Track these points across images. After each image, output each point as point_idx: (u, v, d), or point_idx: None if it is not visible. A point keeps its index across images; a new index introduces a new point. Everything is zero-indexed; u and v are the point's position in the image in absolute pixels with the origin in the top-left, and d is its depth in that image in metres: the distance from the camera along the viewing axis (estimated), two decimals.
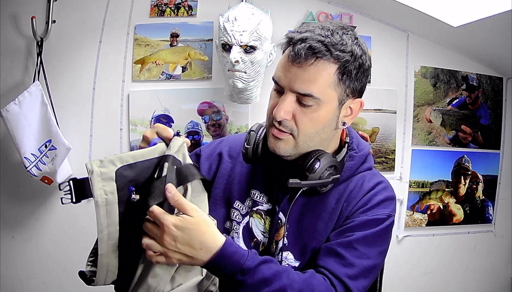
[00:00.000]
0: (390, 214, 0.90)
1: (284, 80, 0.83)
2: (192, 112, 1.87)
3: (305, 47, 0.79)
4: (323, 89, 0.81)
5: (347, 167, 0.92)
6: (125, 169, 0.69)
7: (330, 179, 0.86)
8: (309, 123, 0.84)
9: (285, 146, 0.86)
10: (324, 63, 0.80)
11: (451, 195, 2.10)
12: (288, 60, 0.82)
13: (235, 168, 1.00)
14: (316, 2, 1.92)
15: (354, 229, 0.86)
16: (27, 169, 1.63)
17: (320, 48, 0.79)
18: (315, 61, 0.80)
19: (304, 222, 0.91)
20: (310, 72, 0.80)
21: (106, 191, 0.68)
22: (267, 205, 0.95)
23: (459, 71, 2.08)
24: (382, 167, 2.00)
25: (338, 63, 0.81)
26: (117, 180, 0.69)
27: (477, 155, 2.13)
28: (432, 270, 2.10)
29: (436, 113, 2.07)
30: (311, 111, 0.83)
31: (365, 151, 0.96)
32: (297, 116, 0.83)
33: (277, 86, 0.86)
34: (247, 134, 0.93)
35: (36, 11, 1.74)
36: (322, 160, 0.85)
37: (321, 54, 0.79)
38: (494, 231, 2.17)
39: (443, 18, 1.73)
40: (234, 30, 1.53)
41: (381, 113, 2.00)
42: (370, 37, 1.97)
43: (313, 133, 0.85)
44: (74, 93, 1.82)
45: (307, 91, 0.80)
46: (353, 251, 0.84)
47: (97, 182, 0.67)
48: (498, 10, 1.53)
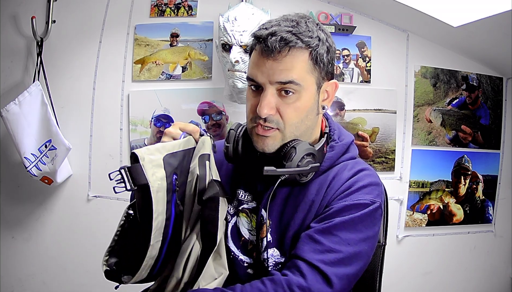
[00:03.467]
0: (373, 199, 0.87)
1: (262, 76, 0.84)
2: (192, 112, 1.87)
3: (276, 40, 0.81)
4: (302, 75, 0.84)
5: (328, 157, 0.92)
6: (169, 157, 0.72)
7: (308, 167, 0.86)
8: (293, 113, 0.85)
9: (273, 142, 0.87)
10: (297, 51, 0.83)
11: (451, 195, 2.09)
12: (262, 56, 0.84)
13: (221, 171, 0.99)
14: (316, 2, 1.92)
15: (332, 215, 0.84)
16: (27, 169, 1.63)
17: (291, 38, 0.82)
18: (289, 51, 0.82)
19: (284, 215, 0.90)
20: (286, 62, 0.83)
21: (157, 178, 0.69)
22: (252, 203, 0.95)
23: (459, 71, 2.08)
24: (382, 167, 2.00)
25: (309, 49, 0.84)
26: (165, 167, 0.71)
27: (477, 155, 2.12)
28: (432, 270, 2.10)
29: (436, 113, 2.07)
30: (293, 101, 0.85)
31: (347, 140, 0.96)
32: (281, 109, 0.85)
33: (254, 83, 0.87)
34: (227, 134, 0.94)
35: (36, 11, 1.75)
36: (298, 148, 0.85)
37: (293, 43, 0.82)
38: (494, 231, 2.17)
39: (443, 18, 1.73)
40: (234, 30, 1.53)
41: (381, 113, 2.00)
42: (370, 37, 1.97)
43: (299, 123, 0.87)
44: (74, 93, 1.82)
45: (288, 78, 0.83)
46: (331, 237, 0.82)
47: (149, 168, 0.68)
48: (498, 10, 1.53)
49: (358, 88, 1.97)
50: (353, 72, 1.97)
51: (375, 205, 0.87)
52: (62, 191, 1.83)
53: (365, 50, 1.97)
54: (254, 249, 0.93)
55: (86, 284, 1.79)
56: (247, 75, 0.88)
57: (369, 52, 1.97)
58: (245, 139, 0.92)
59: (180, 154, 0.75)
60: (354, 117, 1.97)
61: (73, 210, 1.82)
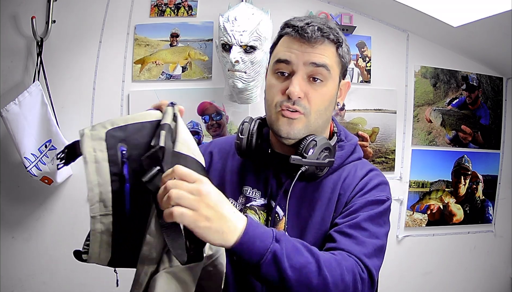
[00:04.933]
0: (388, 196, 0.91)
1: (296, 58, 0.87)
2: (192, 112, 1.87)
3: (314, 29, 0.86)
4: (332, 63, 0.89)
5: (338, 155, 0.95)
6: (116, 130, 0.70)
7: (326, 161, 0.89)
8: (320, 99, 0.88)
9: (299, 126, 0.88)
10: (329, 44, 0.89)
11: (451, 195, 2.10)
12: (299, 41, 0.87)
13: (225, 167, 1.00)
14: (316, 2, 1.93)
15: (357, 210, 0.86)
16: (27, 169, 1.63)
17: (326, 30, 0.87)
18: (323, 42, 0.88)
19: (302, 212, 0.91)
20: (320, 49, 0.87)
21: (95, 149, 0.69)
22: (261, 200, 0.95)
23: (459, 71, 2.08)
24: (382, 167, 2.00)
25: (336, 44, 0.90)
26: (107, 139, 0.69)
27: (477, 155, 2.12)
28: (432, 270, 2.10)
29: (436, 113, 2.07)
30: (321, 87, 0.88)
31: (353, 141, 1.01)
32: (309, 94, 0.87)
33: (285, 66, 0.88)
34: (241, 126, 0.95)
35: (36, 11, 1.74)
36: (318, 141, 0.88)
37: (327, 34, 0.87)
38: (494, 231, 2.17)
39: (443, 18, 1.73)
40: (234, 30, 1.53)
41: (381, 113, 2.00)
42: (370, 37, 1.97)
43: (322, 110, 0.90)
44: (74, 93, 1.82)
45: (322, 62, 0.87)
46: (362, 231, 0.83)
47: (86, 141, 0.68)
48: (498, 10, 1.53)
49: (358, 88, 1.97)
50: (353, 72, 1.97)
51: (389, 202, 0.91)
52: (62, 191, 1.83)
53: (365, 50, 1.97)
54: None
55: (86, 284, 1.79)
56: (277, 58, 0.89)
57: (369, 52, 1.97)
58: (258, 134, 0.94)
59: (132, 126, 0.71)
60: (354, 117, 1.97)
61: (73, 210, 1.82)
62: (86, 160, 0.68)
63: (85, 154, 0.68)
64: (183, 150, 0.69)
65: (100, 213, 0.69)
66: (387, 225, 0.90)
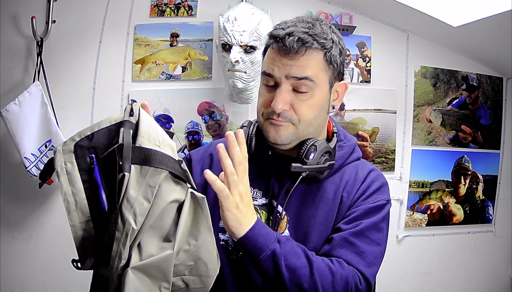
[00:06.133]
0: (388, 199, 0.94)
1: (278, 71, 0.87)
2: (192, 112, 1.87)
3: (294, 40, 0.84)
4: (316, 73, 0.87)
5: (338, 156, 0.96)
6: (83, 140, 0.75)
7: (326, 164, 0.90)
8: (307, 110, 0.88)
9: (286, 132, 0.89)
10: (313, 52, 0.86)
11: (451, 195, 2.10)
12: (279, 54, 0.87)
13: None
14: (316, 2, 1.93)
15: (360, 217, 0.89)
16: (27, 169, 1.63)
17: (308, 38, 0.85)
18: (305, 51, 0.86)
19: (304, 212, 0.93)
20: (303, 61, 0.86)
21: (65, 162, 0.74)
22: (262, 200, 0.96)
23: (459, 71, 2.08)
24: (382, 167, 2.00)
25: (323, 50, 0.88)
26: (76, 150, 0.74)
27: (477, 155, 2.12)
28: (432, 270, 2.10)
29: (436, 113, 2.07)
30: (307, 98, 0.88)
31: (353, 141, 1.01)
32: (295, 105, 0.88)
33: (270, 79, 0.89)
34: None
35: (36, 11, 1.74)
36: (318, 146, 0.89)
37: (309, 44, 0.85)
38: (494, 231, 2.17)
39: (443, 18, 1.73)
40: (234, 30, 1.53)
41: (381, 113, 2.00)
42: (370, 37, 1.97)
43: (312, 119, 0.90)
44: (74, 93, 1.82)
45: (303, 74, 0.86)
46: (365, 239, 0.87)
47: (58, 157, 0.74)
48: (498, 10, 1.53)
49: (358, 88, 1.97)
50: (353, 72, 1.97)
51: (389, 205, 0.94)
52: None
53: (365, 50, 1.97)
54: None
55: (86, 284, 1.78)
56: (263, 71, 0.90)
57: (369, 52, 1.97)
58: (257, 137, 0.95)
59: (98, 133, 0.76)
60: (354, 117, 1.97)
61: None
62: (58, 173, 0.73)
63: (57, 168, 0.73)
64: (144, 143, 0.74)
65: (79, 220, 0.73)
66: (387, 227, 0.94)
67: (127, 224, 0.70)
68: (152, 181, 0.72)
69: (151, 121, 0.78)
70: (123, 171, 0.71)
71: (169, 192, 0.75)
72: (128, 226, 0.70)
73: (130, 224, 0.70)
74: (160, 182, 0.73)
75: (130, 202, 0.71)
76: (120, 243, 0.71)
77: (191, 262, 0.78)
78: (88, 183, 0.74)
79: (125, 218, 0.70)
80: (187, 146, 1.88)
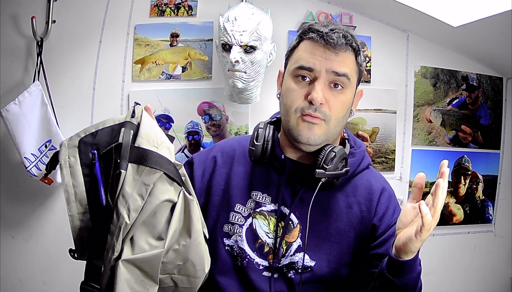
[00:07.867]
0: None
1: (319, 64, 0.87)
2: (192, 112, 1.87)
3: (339, 35, 0.86)
4: (351, 72, 0.89)
5: (350, 163, 0.94)
6: (87, 137, 0.80)
7: (343, 171, 0.90)
8: (340, 107, 0.89)
9: (319, 132, 0.88)
10: (350, 52, 0.89)
11: (451, 195, 2.09)
12: (322, 47, 0.87)
13: (231, 171, 0.99)
14: (316, 2, 1.92)
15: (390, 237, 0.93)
16: (27, 169, 1.63)
17: (349, 37, 0.88)
18: (347, 49, 0.88)
19: (317, 222, 0.92)
20: (344, 57, 0.88)
21: (69, 155, 0.78)
22: (271, 206, 0.94)
23: (459, 71, 2.08)
24: (382, 167, 2.00)
25: (355, 52, 0.90)
26: (79, 146, 0.79)
27: (477, 155, 2.12)
28: (432, 270, 2.10)
29: (436, 113, 2.07)
30: (340, 94, 0.88)
31: (363, 147, 1.01)
32: (330, 101, 0.87)
33: (306, 73, 0.88)
34: (255, 132, 0.94)
35: (36, 11, 1.74)
36: (337, 152, 0.88)
37: (350, 42, 0.88)
38: (494, 231, 2.17)
39: (443, 18, 1.73)
40: (234, 30, 1.53)
41: (381, 113, 2.00)
42: (370, 37, 1.97)
43: (341, 118, 0.90)
44: (74, 93, 1.82)
45: (343, 70, 0.87)
46: None
47: (63, 150, 0.78)
48: (498, 10, 1.53)
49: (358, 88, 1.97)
50: None
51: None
52: (62, 191, 1.83)
53: (365, 50, 1.97)
54: (270, 252, 0.93)
55: None
56: (300, 65, 0.88)
57: (369, 52, 1.97)
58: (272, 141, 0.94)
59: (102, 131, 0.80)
60: (354, 117, 1.97)
61: None
62: (61, 165, 0.77)
63: (61, 161, 0.78)
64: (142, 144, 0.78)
65: (77, 211, 0.77)
66: None
67: (121, 218, 0.73)
68: (147, 180, 0.76)
69: (152, 123, 0.82)
70: (120, 168, 0.75)
71: (163, 191, 0.77)
72: (122, 220, 0.73)
73: (123, 218, 0.73)
74: (155, 181, 0.76)
75: (125, 197, 0.74)
76: (114, 236, 0.74)
77: (179, 262, 0.80)
78: (88, 177, 0.77)
79: (120, 212, 0.73)
80: (187, 146, 1.88)
